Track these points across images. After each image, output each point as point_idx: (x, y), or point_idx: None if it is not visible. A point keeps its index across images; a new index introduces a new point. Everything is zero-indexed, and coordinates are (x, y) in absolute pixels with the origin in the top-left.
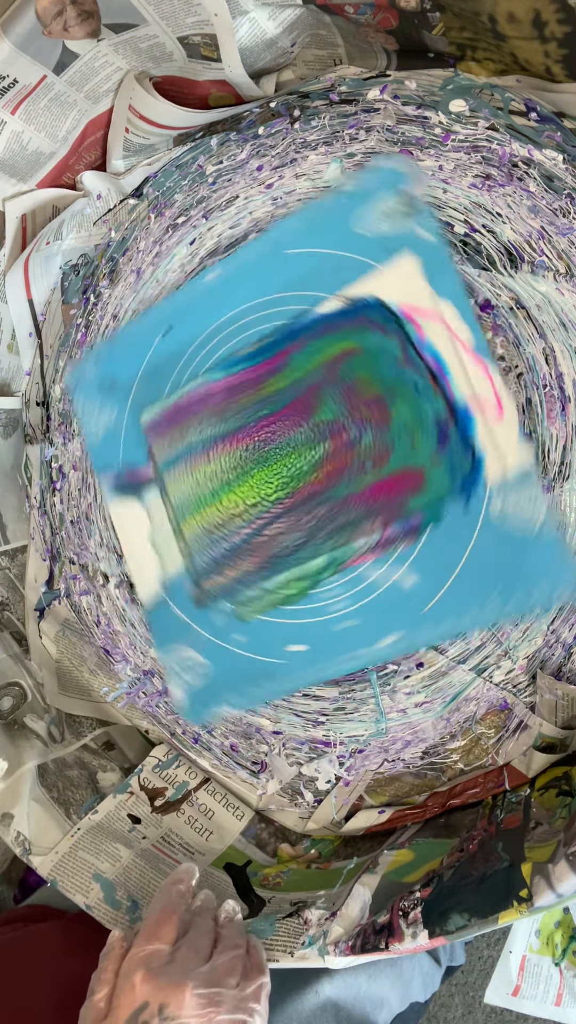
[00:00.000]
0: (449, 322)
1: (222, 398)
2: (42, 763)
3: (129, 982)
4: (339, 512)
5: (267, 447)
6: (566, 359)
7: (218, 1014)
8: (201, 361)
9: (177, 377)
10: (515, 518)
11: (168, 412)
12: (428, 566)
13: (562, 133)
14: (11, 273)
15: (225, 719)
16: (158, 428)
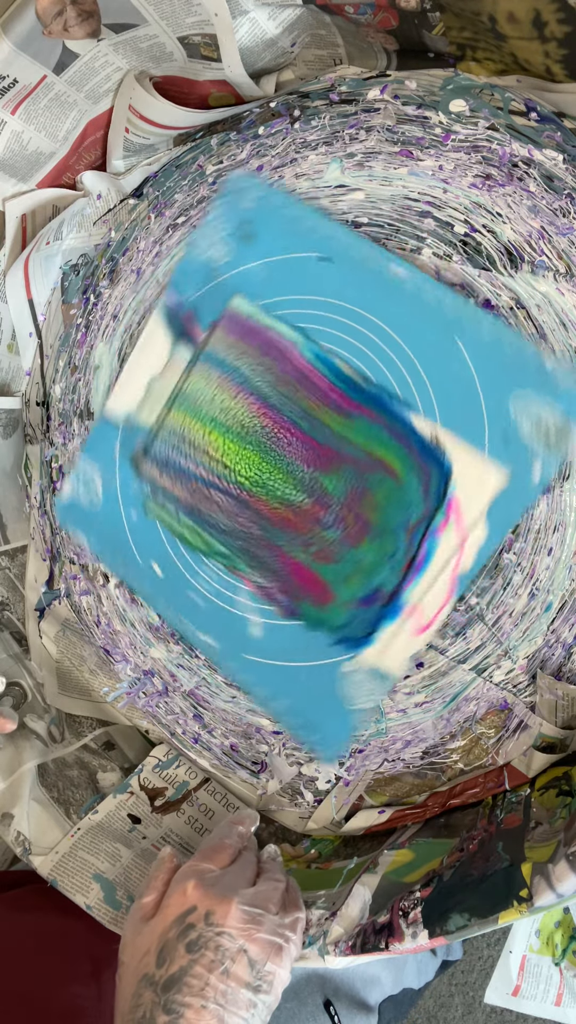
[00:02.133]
0: (467, 545)
1: (291, 374)
2: (42, 763)
3: (181, 887)
4: (262, 545)
5: (273, 445)
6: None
7: (258, 932)
8: (310, 324)
9: (289, 310)
10: (355, 688)
11: (250, 325)
12: (281, 638)
13: (562, 133)
14: (11, 273)
15: (225, 719)
16: (232, 325)
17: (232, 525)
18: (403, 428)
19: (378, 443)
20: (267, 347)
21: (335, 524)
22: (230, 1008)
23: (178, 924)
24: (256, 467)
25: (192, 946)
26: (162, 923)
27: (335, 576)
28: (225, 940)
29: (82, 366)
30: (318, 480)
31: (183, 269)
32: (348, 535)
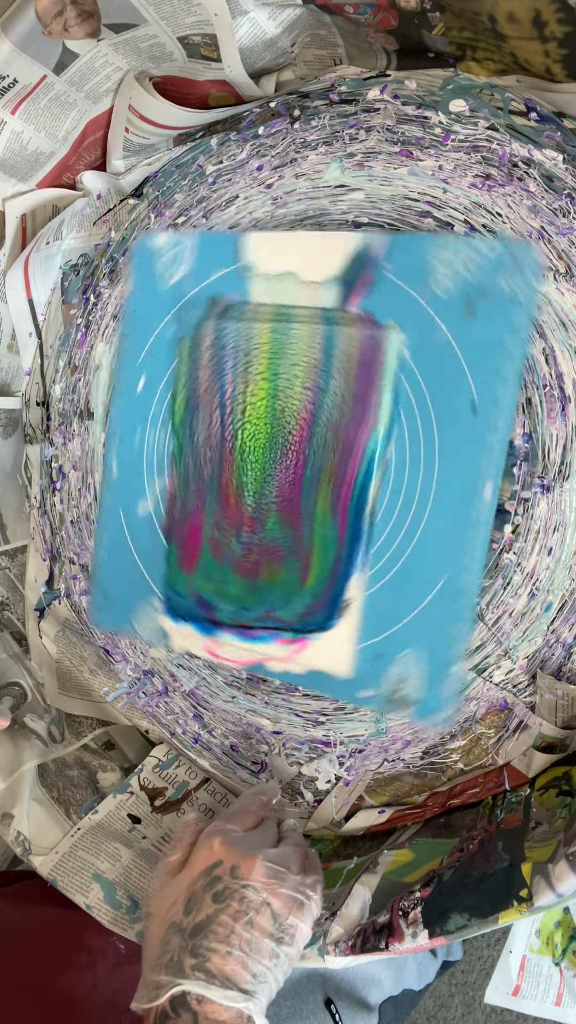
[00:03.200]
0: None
1: (346, 436)
2: (42, 763)
3: (208, 843)
4: (197, 487)
5: (278, 450)
6: (566, 359)
7: (280, 887)
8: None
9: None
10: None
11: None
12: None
13: (562, 133)
14: (11, 273)
15: (225, 719)
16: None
17: (200, 446)
18: (344, 570)
19: (322, 552)
20: (364, 397)
21: (244, 546)
22: (254, 956)
23: (205, 876)
24: (255, 444)
25: (218, 896)
26: (189, 876)
27: (205, 568)
28: (249, 892)
29: (82, 366)
30: (270, 510)
31: (419, 248)
32: (240, 563)
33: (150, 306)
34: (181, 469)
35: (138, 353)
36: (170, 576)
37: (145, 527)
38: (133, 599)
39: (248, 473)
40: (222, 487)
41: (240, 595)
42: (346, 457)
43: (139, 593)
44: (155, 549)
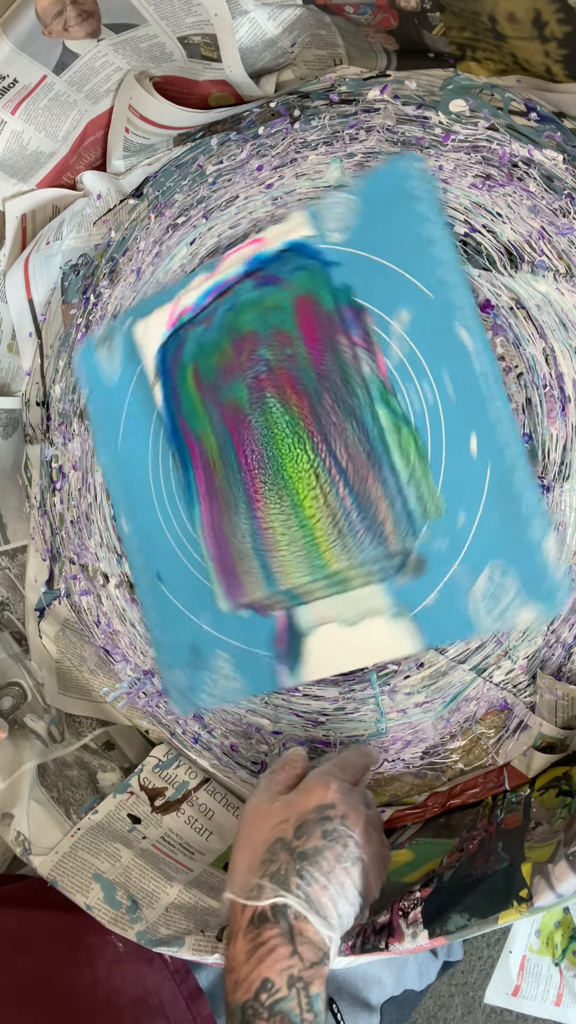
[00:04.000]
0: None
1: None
2: (42, 763)
3: (324, 783)
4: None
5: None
6: (566, 359)
7: (371, 849)
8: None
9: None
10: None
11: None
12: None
13: (562, 133)
14: (11, 273)
15: (225, 719)
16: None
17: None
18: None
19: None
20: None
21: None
22: (342, 899)
23: (317, 812)
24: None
25: (327, 834)
26: (302, 804)
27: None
28: (352, 844)
29: None
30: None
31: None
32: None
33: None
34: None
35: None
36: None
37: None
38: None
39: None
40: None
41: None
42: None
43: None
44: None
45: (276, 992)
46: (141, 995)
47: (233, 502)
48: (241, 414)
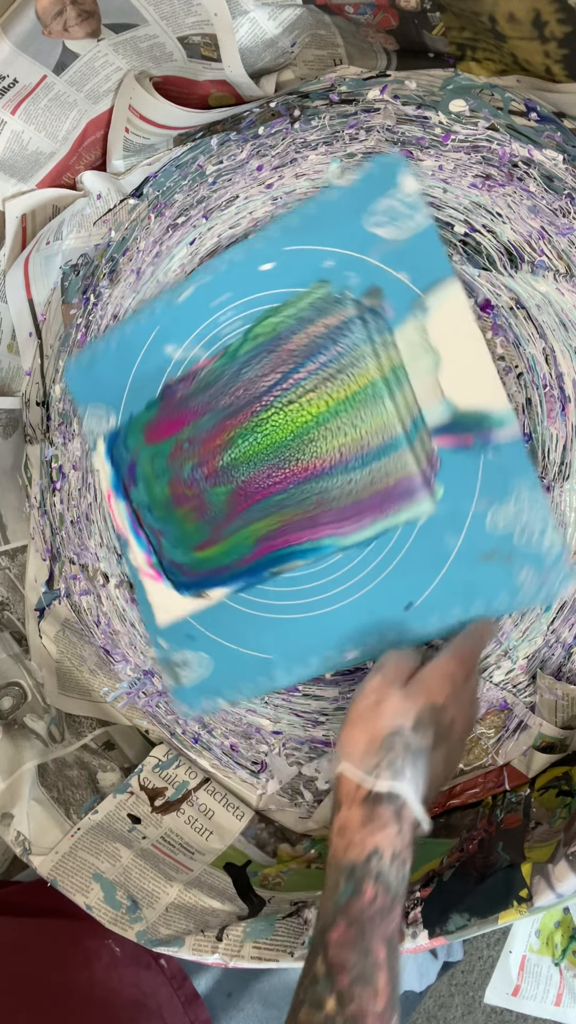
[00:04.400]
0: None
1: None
2: (42, 763)
3: (441, 684)
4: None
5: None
6: (566, 359)
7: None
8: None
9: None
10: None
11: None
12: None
13: (562, 133)
14: (11, 273)
15: (225, 719)
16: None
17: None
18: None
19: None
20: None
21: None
22: (433, 792)
23: (433, 711)
24: (269, 436)
25: (440, 736)
26: (421, 699)
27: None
28: (457, 745)
29: None
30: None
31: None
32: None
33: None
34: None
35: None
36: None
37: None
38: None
39: (242, 445)
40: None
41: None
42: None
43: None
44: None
45: (383, 861)
46: (138, 998)
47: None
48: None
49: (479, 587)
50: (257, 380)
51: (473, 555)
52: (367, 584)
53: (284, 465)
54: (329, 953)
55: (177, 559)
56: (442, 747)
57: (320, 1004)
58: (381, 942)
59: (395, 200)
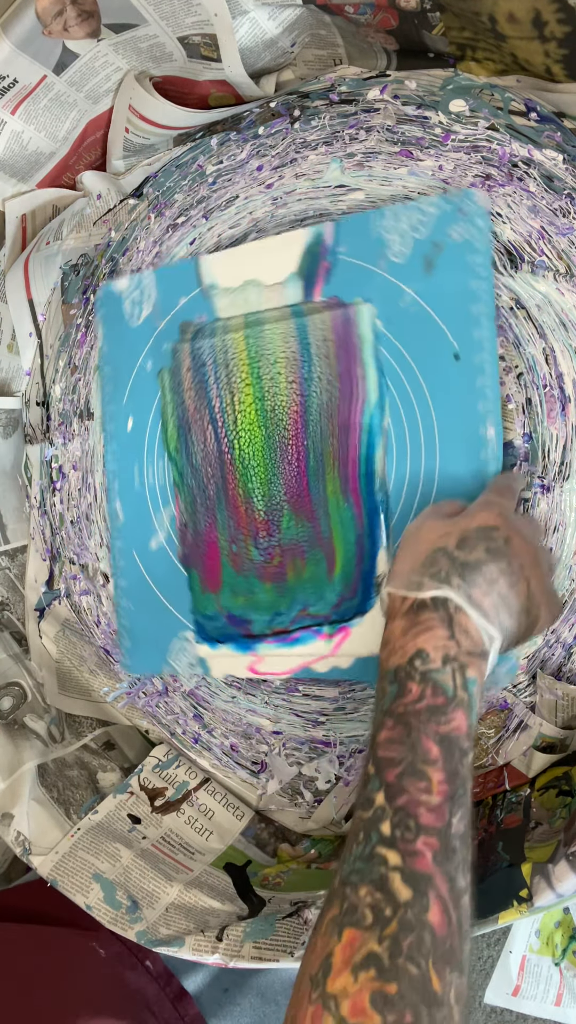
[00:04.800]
0: (322, 663)
1: (341, 418)
2: (42, 763)
3: (488, 509)
4: (205, 505)
5: (278, 450)
6: (566, 359)
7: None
8: (393, 392)
9: (392, 362)
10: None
11: (353, 342)
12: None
13: (562, 133)
14: (11, 273)
15: (225, 719)
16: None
17: (200, 465)
18: (368, 549)
19: (342, 538)
20: (346, 375)
21: (264, 551)
22: (502, 609)
23: (481, 531)
24: (254, 449)
25: (491, 551)
26: (466, 523)
27: (231, 582)
28: (517, 566)
29: (82, 366)
30: (282, 510)
31: (360, 223)
32: (265, 568)
33: (124, 348)
34: (185, 493)
35: (122, 395)
36: (196, 602)
37: (161, 561)
38: (164, 637)
39: (253, 479)
40: (230, 499)
41: (270, 601)
42: (344, 437)
43: (169, 629)
44: (176, 580)
45: (430, 662)
46: (127, 993)
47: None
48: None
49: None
50: (206, 455)
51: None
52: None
53: (285, 443)
54: (377, 753)
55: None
56: (500, 563)
57: (370, 801)
58: (432, 739)
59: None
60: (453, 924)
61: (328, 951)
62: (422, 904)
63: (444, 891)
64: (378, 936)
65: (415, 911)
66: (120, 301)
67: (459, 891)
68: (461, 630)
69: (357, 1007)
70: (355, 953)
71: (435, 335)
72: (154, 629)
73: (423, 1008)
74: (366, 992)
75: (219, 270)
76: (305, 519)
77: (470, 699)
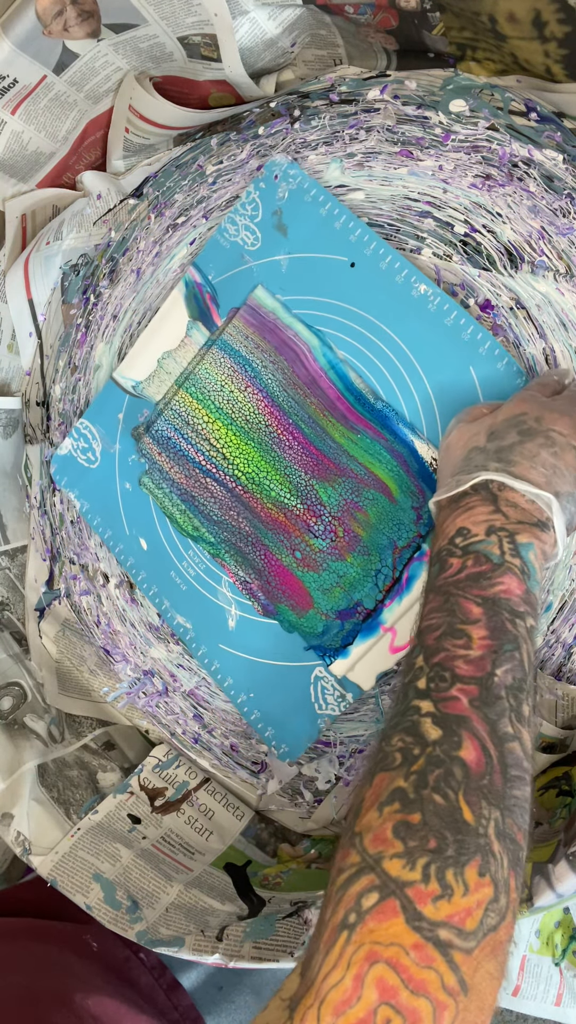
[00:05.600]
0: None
1: (302, 378)
2: (42, 763)
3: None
4: (250, 541)
5: (274, 446)
6: (566, 359)
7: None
8: (329, 328)
9: (310, 311)
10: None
11: (269, 320)
12: (256, 635)
13: (562, 133)
14: (11, 273)
15: (225, 719)
16: (251, 316)
17: (223, 516)
18: (405, 450)
19: (378, 461)
20: (282, 346)
21: (324, 534)
22: (555, 475)
23: (509, 420)
24: (255, 464)
25: (524, 432)
26: (493, 418)
27: (317, 585)
28: (556, 435)
29: (82, 366)
30: (313, 488)
31: (211, 247)
32: (336, 547)
33: (100, 491)
34: (229, 552)
35: (122, 530)
36: (302, 631)
37: (251, 632)
38: (302, 697)
39: (272, 486)
40: (265, 520)
41: (362, 569)
42: (317, 389)
43: (300, 685)
44: (272, 635)
45: (471, 536)
46: (121, 981)
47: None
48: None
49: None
50: (221, 506)
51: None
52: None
53: (275, 436)
54: (420, 625)
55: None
56: (536, 439)
57: (411, 666)
58: (473, 601)
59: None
60: (494, 762)
61: (359, 797)
62: (452, 741)
63: (482, 730)
64: (405, 773)
65: (444, 748)
66: (72, 460)
67: (502, 735)
68: (507, 504)
69: (379, 837)
70: (382, 792)
71: (324, 266)
72: (287, 698)
73: (448, 834)
74: (389, 824)
75: (131, 370)
76: (337, 477)
77: (525, 564)
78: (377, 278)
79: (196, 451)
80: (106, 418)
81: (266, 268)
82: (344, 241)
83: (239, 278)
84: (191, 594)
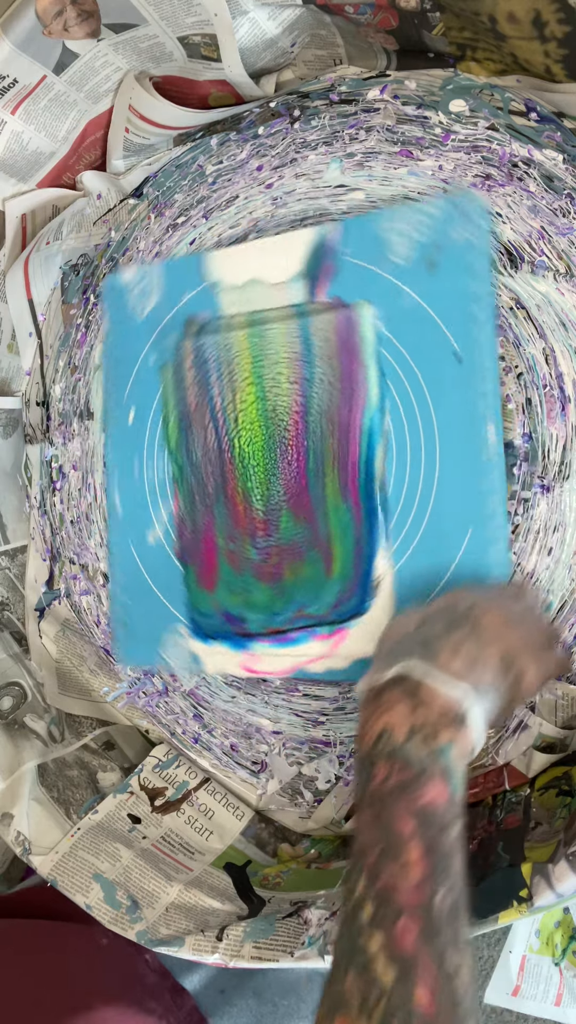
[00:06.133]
0: (319, 664)
1: (341, 419)
2: (42, 763)
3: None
4: (204, 502)
5: (278, 450)
6: (566, 359)
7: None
8: (393, 393)
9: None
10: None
11: (355, 341)
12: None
13: (562, 133)
14: (11, 273)
15: (225, 719)
16: (347, 321)
17: (200, 463)
18: (367, 549)
19: (341, 538)
20: (347, 377)
21: (261, 551)
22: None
23: (441, 610)
24: (253, 448)
25: (452, 622)
26: (426, 609)
27: (228, 581)
28: (483, 627)
29: (82, 366)
30: (281, 510)
31: (361, 227)
32: (262, 568)
33: (128, 340)
34: (185, 490)
35: (124, 387)
36: (192, 598)
37: (158, 556)
38: (158, 631)
39: (252, 478)
40: (229, 498)
41: (267, 601)
42: (345, 439)
43: (163, 623)
44: (172, 575)
45: (394, 739)
46: (127, 980)
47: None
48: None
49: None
50: (206, 453)
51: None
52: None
53: (285, 443)
54: (357, 841)
55: (326, 602)
56: (463, 629)
57: (351, 891)
58: (405, 815)
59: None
60: (444, 1004)
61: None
62: (406, 987)
63: (431, 971)
64: (366, 1021)
65: (400, 994)
66: (125, 293)
67: (449, 969)
68: (426, 699)
69: None
70: None
71: (436, 336)
72: (148, 622)
73: None
74: None
75: (223, 267)
76: (304, 519)
77: (447, 767)
78: (463, 390)
79: (219, 393)
80: (175, 285)
81: (391, 290)
82: (470, 330)
83: (366, 277)
84: (138, 487)
